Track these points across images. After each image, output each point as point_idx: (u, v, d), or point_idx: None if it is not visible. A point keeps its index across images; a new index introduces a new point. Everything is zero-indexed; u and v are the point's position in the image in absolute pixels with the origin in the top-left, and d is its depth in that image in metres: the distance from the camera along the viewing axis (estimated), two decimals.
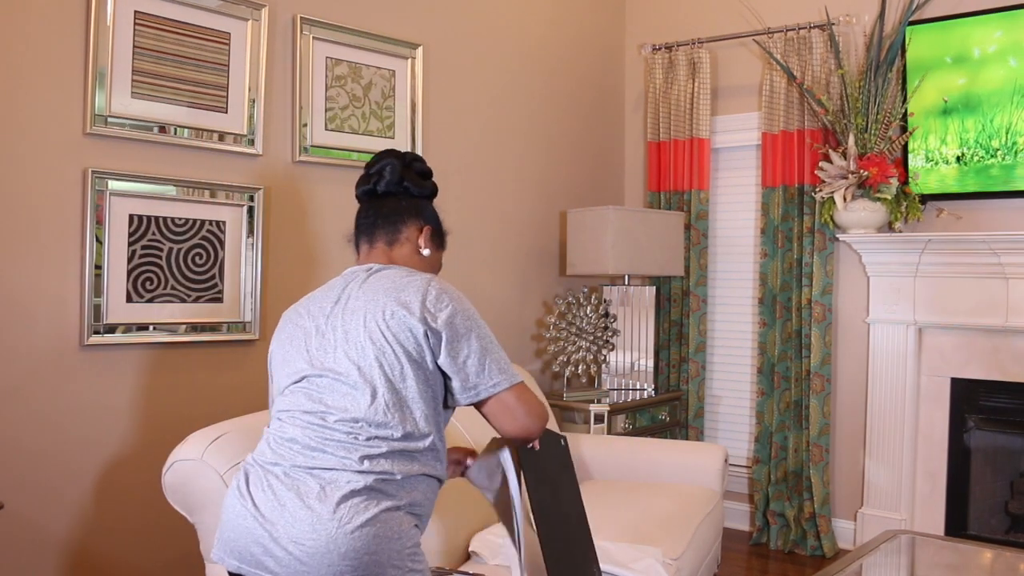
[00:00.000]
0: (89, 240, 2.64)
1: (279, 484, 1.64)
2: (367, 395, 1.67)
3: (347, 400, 1.68)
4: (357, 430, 1.66)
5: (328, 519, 1.58)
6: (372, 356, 1.68)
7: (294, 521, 1.59)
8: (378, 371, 1.68)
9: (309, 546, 1.57)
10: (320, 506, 1.59)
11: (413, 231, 1.91)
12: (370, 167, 1.94)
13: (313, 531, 1.57)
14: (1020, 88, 3.51)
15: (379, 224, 1.90)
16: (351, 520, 1.58)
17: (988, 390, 3.72)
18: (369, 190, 1.93)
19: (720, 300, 4.49)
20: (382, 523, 1.60)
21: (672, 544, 2.64)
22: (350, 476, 1.62)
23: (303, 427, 1.70)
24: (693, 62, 4.36)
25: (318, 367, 1.74)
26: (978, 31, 3.60)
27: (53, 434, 2.59)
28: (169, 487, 2.13)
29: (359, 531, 1.57)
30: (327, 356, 1.73)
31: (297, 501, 1.61)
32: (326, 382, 1.72)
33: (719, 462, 3.28)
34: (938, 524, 3.81)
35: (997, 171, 3.60)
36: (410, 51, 3.55)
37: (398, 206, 1.90)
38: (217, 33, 2.93)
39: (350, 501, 1.59)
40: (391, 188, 1.91)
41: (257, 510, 1.63)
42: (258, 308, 3.04)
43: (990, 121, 3.59)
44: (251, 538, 1.63)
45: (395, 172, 1.90)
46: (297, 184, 3.19)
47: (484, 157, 3.94)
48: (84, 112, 2.63)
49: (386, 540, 1.60)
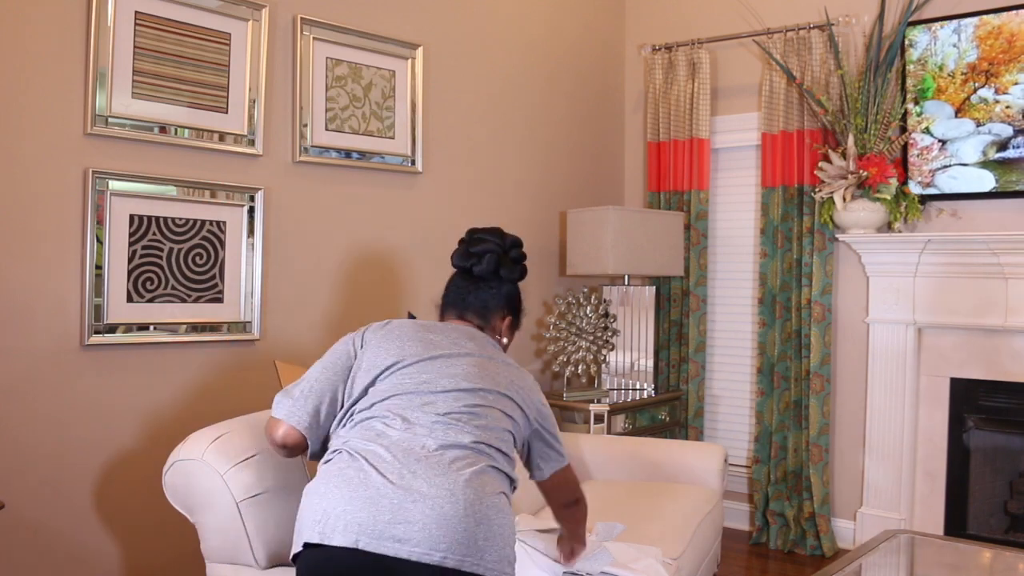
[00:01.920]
0: (89, 240, 2.64)
1: (405, 456, 1.69)
2: (487, 407, 1.84)
3: (470, 398, 1.84)
4: (475, 418, 1.80)
5: (465, 484, 1.65)
6: (506, 382, 1.91)
7: (429, 486, 1.63)
8: (505, 402, 1.88)
9: (448, 510, 1.61)
10: (455, 474, 1.67)
11: (497, 320, 2.12)
12: (473, 244, 2.11)
13: (451, 495, 1.62)
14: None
15: (471, 306, 2.09)
16: (485, 489, 1.68)
17: (987, 390, 3.72)
18: (466, 268, 2.11)
19: (720, 300, 4.49)
20: (504, 501, 1.72)
21: (672, 544, 2.64)
22: (473, 456, 1.73)
23: (422, 410, 1.79)
24: (693, 62, 4.36)
25: (442, 361, 1.89)
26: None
27: (53, 434, 2.60)
28: (169, 487, 2.13)
29: (492, 500, 1.67)
30: (459, 367, 1.89)
31: (428, 470, 1.66)
32: (449, 379, 1.86)
33: (719, 462, 3.28)
34: (937, 524, 3.81)
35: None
36: (410, 51, 3.55)
37: (490, 295, 2.10)
38: (217, 33, 2.94)
39: (481, 476, 1.69)
40: (487, 275, 2.09)
41: (385, 478, 1.65)
42: (258, 308, 3.04)
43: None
44: (377, 506, 1.61)
45: (493, 262, 2.08)
46: (297, 184, 3.19)
47: (484, 157, 3.94)
48: (84, 112, 2.64)
49: (507, 516, 1.71)
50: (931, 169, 3.77)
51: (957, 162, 3.71)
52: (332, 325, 3.30)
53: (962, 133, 3.70)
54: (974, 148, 3.67)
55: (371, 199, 3.44)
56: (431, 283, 3.64)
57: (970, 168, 3.68)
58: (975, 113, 3.65)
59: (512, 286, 2.14)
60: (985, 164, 3.65)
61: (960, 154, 3.70)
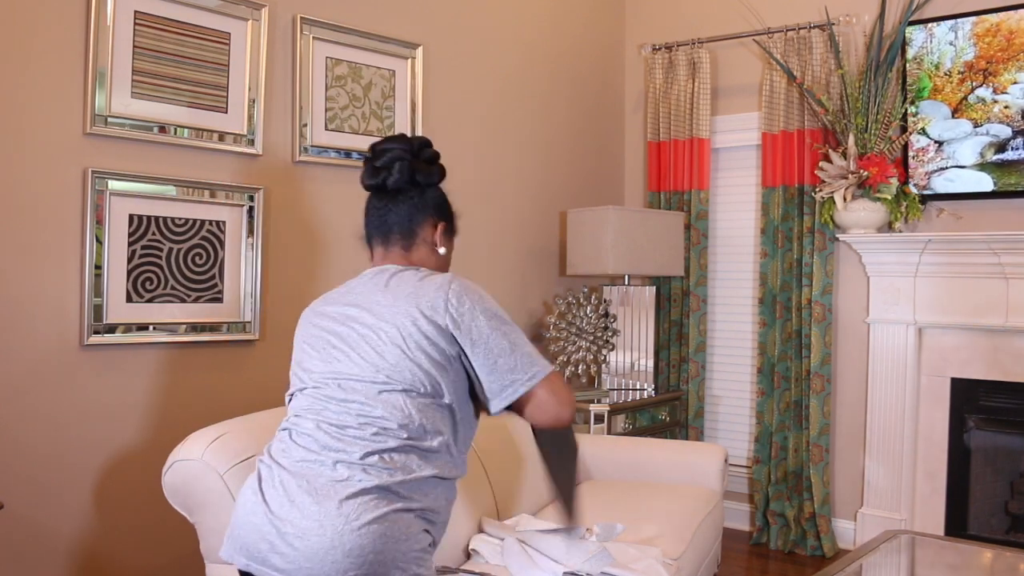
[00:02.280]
0: (89, 240, 2.64)
1: (290, 479, 1.65)
2: (382, 396, 1.68)
3: (361, 399, 1.69)
4: (367, 424, 1.67)
5: (335, 515, 1.57)
6: (392, 361, 1.69)
7: (301, 517, 1.59)
8: (397, 375, 1.68)
9: (314, 542, 1.57)
10: (328, 502, 1.59)
11: (428, 230, 1.90)
12: (377, 157, 1.88)
13: (320, 527, 1.57)
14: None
15: (393, 227, 1.88)
16: (358, 517, 1.57)
17: (988, 390, 3.72)
18: (378, 184, 1.88)
19: (720, 300, 4.49)
20: (390, 523, 1.59)
21: (672, 544, 2.64)
22: (360, 474, 1.62)
23: (316, 425, 1.71)
24: (693, 62, 4.36)
25: (335, 370, 1.74)
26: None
27: (53, 434, 2.59)
28: (169, 487, 2.12)
29: (365, 528, 1.56)
30: (345, 359, 1.74)
31: (306, 497, 1.61)
32: (344, 383, 1.72)
33: (719, 462, 3.27)
34: (938, 524, 3.81)
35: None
36: (410, 51, 3.55)
37: (411, 206, 1.88)
38: (217, 33, 2.93)
39: (359, 499, 1.59)
40: (402, 185, 1.86)
41: (267, 506, 1.64)
42: (258, 308, 3.04)
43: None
44: (259, 535, 1.63)
45: (405, 168, 1.85)
46: (297, 184, 3.19)
47: (484, 157, 3.94)
48: (84, 112, 2.63)
49: (392, 540, 1.59)
50: (927, 172, 3.77)
51: (954, 164, 3.71)
52: None
53: (959, 134, 3.69)
54: (971, 150, 3.67)
55: None
56: None
57: (967, 171, 3.68)
58: (972, 113, 3.65)
59: (434, 190, 1.91)
60: (983, 167, 3.64)
61: (957, 156, 3.70)
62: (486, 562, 2.43)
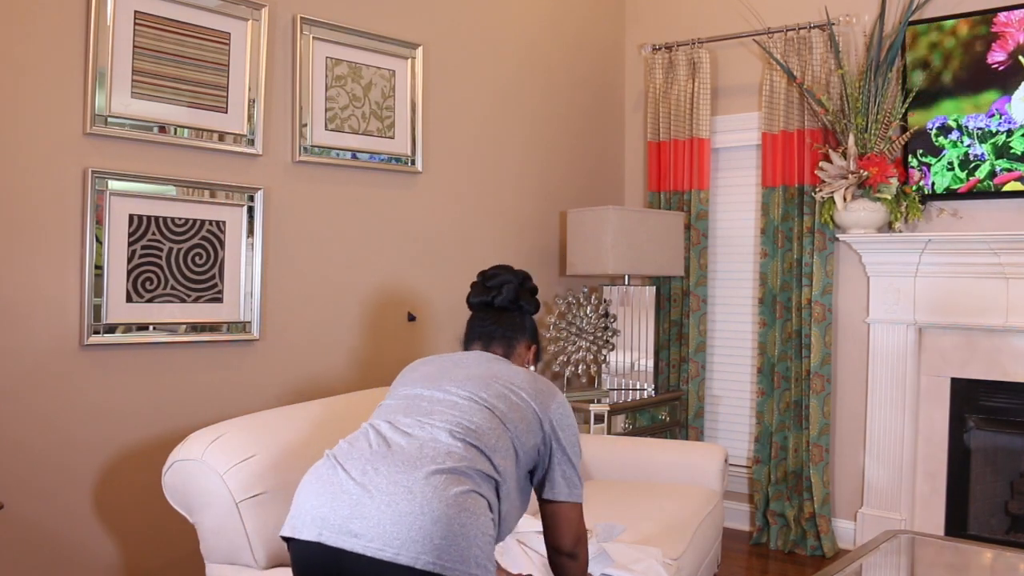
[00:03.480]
0: (89, 240, 2.64)
1: (371, 453, 1.71)
2: (477, 406, 1.83)
3: (455, 400, 1.84)
4: (454, 419, 1.79)
5: (423, 483, 1.63)
6: (497, 393, 1.87)
7: (388, 483, 1.63)
8: (501, 405, 1.85)
9: (403, 507, 1.60)
10: (415, 472, 1.65)
11: (523, 348, 2.14)
12: (487, 279, 2.16)
13: (409, 492, 1.61)
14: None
15: (497, 335, 2.11)
16: (446, 488, 1.63)
17: (988, 390, 3.72)
18: (486, 302, 2.14)
19: (720, 300, 4.49)
20: (472, 500, 1.66)
21: (672, 544, 2.64)
22: (444, 456, 1.69)
23: (406, 411, 1.83)
24: (693, 62, 4.36)
25: (440, 388, 1.89)
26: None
27: (53, 434, 2.59)
28: (169, 487, 2.12)
29: (453, 500, 1.62)
30: (455, 383, 1.89)
31: (391, 467, 1.66)
32: (445, 396, 1.86)
33: (719, 462, 3.27)
34: (938, 524, 3.81)
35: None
36: (410, 51, 3.54)
37: (514, 323, 2.13)
38: (217, 33, 2.93)
39: (445, 474, 1.65)
40: (507, 305, 2.13)
41: (347, 474, 1.68)
42: (258, 308, 3.04)
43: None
44: (339, 501, 1.65)
45: (512, 291, 2.13)
46: (297, 184, 3.19)
47: (484, 157, 3.94)
48: (84, 112, 2.63)
49: (473, 516, 1.64)
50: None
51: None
52: (331, 325, 3.30)
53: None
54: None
55: (371, 199, 3.43)
56: (430, 282, 3.64)
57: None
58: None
59: (531, 318, 2.18)
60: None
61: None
62: None
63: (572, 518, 1.93)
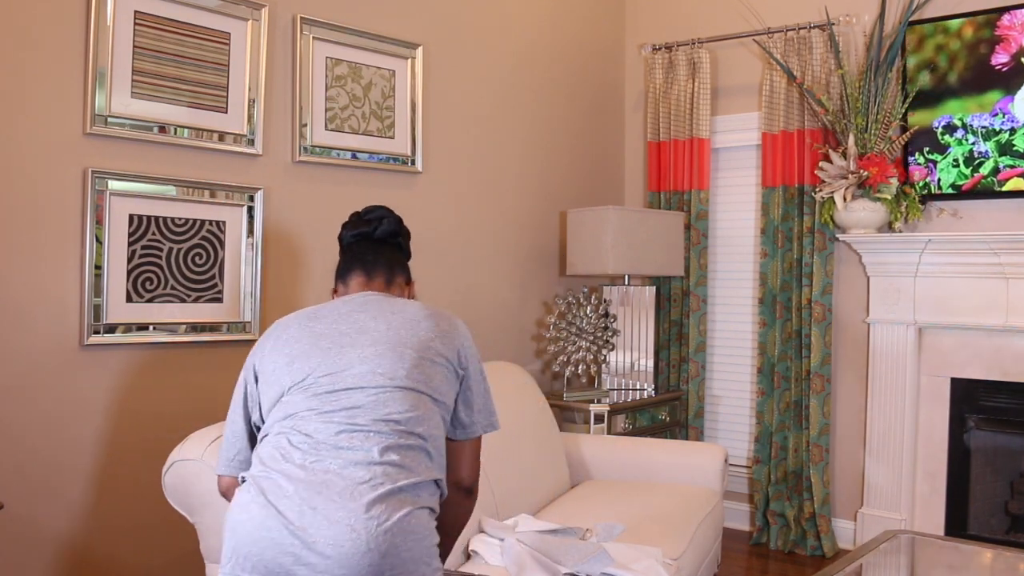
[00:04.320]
0: (89, 240, 2.64)
1: (303, 486, 1.60)
2: (399, 393, 1.73)
3: (376, 395, 1.72)
4: (381, 421, 1.69)
5: (364, 518, 1.57)
6: (411, 363, 1.76)
7: (328, 524, 1.56)
8: (421, 379, 1.76)
9: (348, 548, 1.54)
10: (353, 504, 1.58)
11: (402, 281, 2.04)
12: (364, 214, 2.05)
13: (351, 531, 1.55)
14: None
15: (380, 265, 1.99)
16: (388, 518, 1.58)
17: (988, 390, 3.72)
18: (366, 233, 2.02)
19: (720, 300, 4.49)
20: (415, 519, 1.63)
21: (672, 544, 2.64)
22: (381, 476, 1.62)
23: (324, 423, 1.69)
24: (693, 62, 4.36)
25: (346, 368, 1.75)
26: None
27: (53, 434, 2.59)
28: (169, 487, 2.12)
29: (396, 527, 1.58)
30: (362, 359, 1.76)
31: (328, 503, 1.58)
32: (358, 382, 1.74)
33: (719, 462, 3.27)
34: (938, 524, 3.81)
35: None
36: (410, 51, 3.55)
37: (393, 257, 2.02)
38: (217, 33, 2.93)
39: (385, 500, 1.60)
40: (387, 237, 2.03)
41: (283, 518, 1.58)
42: (258, 308, 3.04)
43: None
44: (279, 549, 1.57)
45: (393, 224, 2.02)
46: (297, 184, 3.19)
47: (484, 157, 3.94)
48: (84, 112, 2.63)
49: (418, 538, 1.62)
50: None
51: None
52: None
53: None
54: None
55: (371, 199, 3.42)
56: (430, 283, 3.64)
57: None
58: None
59: (407, 256, 2.09)
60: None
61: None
62: (486, 563, 2.43)
63: (478, 450, 1.92)
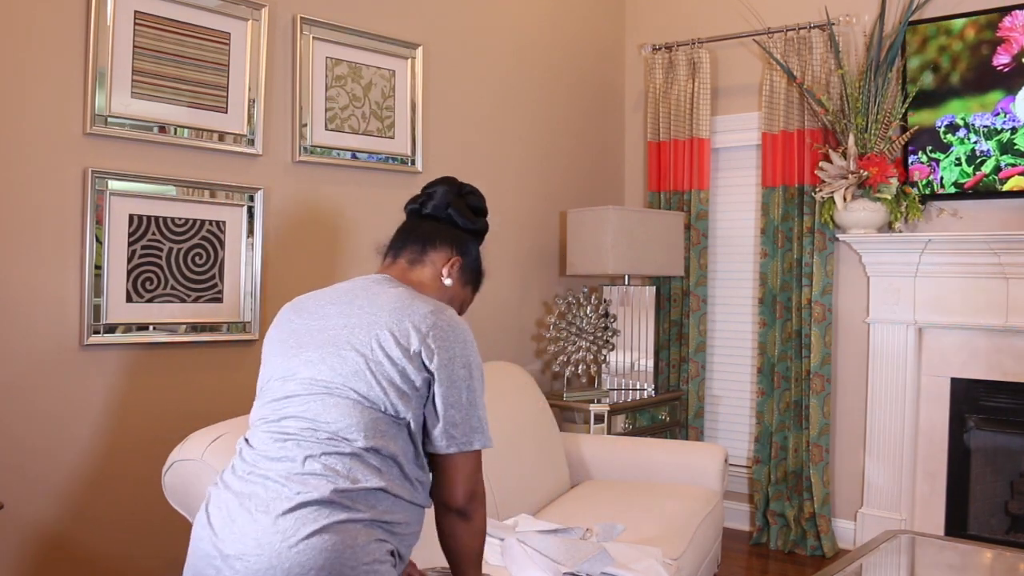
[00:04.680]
0: (89, 240, 2.64)
1: (232, 497, 1.57)
2: (332, 400, 1.60)
3: (308, 402, 1.61)
4: (311, 429, 1.58)
5: (271, 532, 1.48)
6: (352, 367, 1.61)
7: (239, 537, 1.50)
8: (354, 382, 1.60)
9: (252, 563, 1.47)
10: (263, 518, 1.50)
11: (441, 257, 1.82)
12: (426, 188, 1.90)
13: (257, 546, 1.48)
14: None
15: (409, 241, 1.84)
16: (295, 532, 1.47)
17: (988, 390, 3.72)
18: (415, 209, 1.88)
19: (720, 300, 4.49)
20: (333, 533, 1.49)
21: (672, 544, 2.64)
22: (298, 486, 1.52)
23: (266, 432, 1.64)
24: (693, 62, 4.36)
25: (289, 368, 1.67)
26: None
27: (53, 434, 2.59)
28: (169, 487, 2.12)
29: (304, 543, 1.47)
30: (303, 358, 1.66)
31: (244, 515, 1.52)
32: (292, 382, 1.65)
33: (719, 462, 3.27)
34: (938, 524, 3.81)
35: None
36: (410, 51, 3.54)
37: (435, 229, 1.83)
38: (217, 33, 2.93)
39: (296, 512, 1.49)
40: (436, 212, 1.85)
41: (211, 528, 1.55)
42: (258, 308, 3.04)
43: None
44: (206, 560, 1.54)
45: (444, 197, 1.84)
46: (297, 184, 3.19)
47: (484, 157, 3.94)
48: (84, 112, 2.63)
49: (336, 553, 1.48)
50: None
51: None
52: None
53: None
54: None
55: (371, 199, 3.43)
56: None
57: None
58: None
59: (465, 234, 1.86)
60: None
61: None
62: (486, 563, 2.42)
63: (466, 468, 1.65)
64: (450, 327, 1.65)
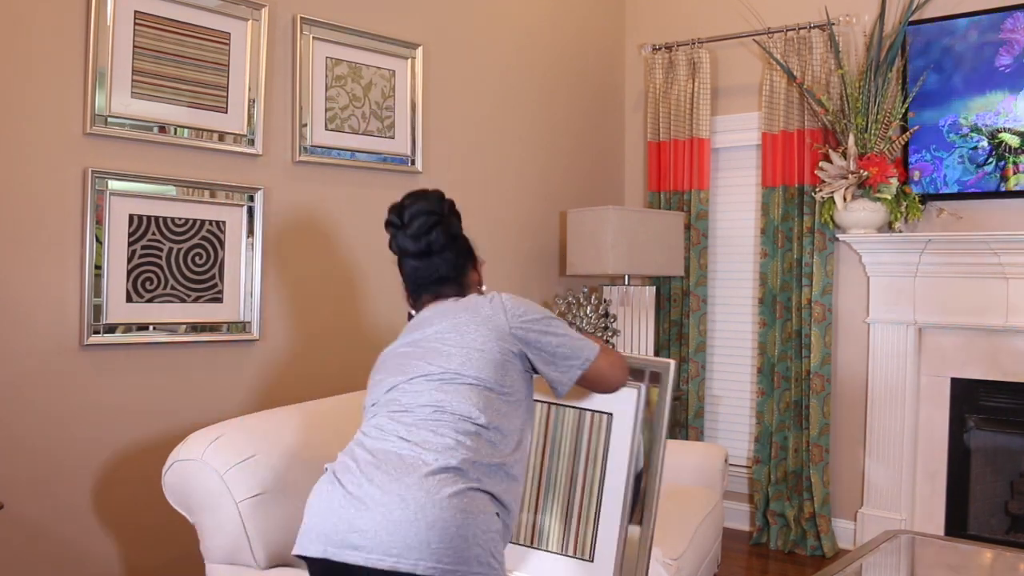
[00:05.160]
0: (89, 240, 2.64)
1: (366, 463, 1.70)
2: (452, 387, 1.78)
3: (432, 390, 1.79)
4: (438, 411, 1.76)
5: (416, 488, 1.63)
6: (460, 360, 1.81)
7: (382, 493, 1.64)
8: (466, 369, 1.80)
9: (397, 515, 1.60)
10: (407, 478, 1.65)
11: (472, 272, 2.03)
12: (409, 223, 1.94)
13: (402, 500, 1.62)
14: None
15: (444, 281, 1.97)
16: (439, 491, 1.63)
17: (988, 390, 3.72)
18: (422, 250, 1.95)
19: (720, 300, 4.49)
20: (468, 499, 1.65)
21: (672, 544, 2.64)
22: (435, 454, 1.68)
23: (389, 417, 1.78)
24: (693, 62, 4.36)
25: (410, 374, 1.84)
26: None
27: (53, 434, 2.59)
28: (169, 487, 2.12)
29: (447, 501, 1.62)
30: (418, 364, 1.84)
31: (384, 475, 1.66)
32: (418, 383, 1.82)
33: (719, 462, 3.27)
34: (938, 524, 3.81)
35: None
36: (410, 51, 3.55)
37: (456, 263, 1.98)
38: (217, 33, 2.93)
39: (438, 475, 1.65)
40: (447, 244, 1.97)
41: (344, 488, 1.68)
42: (258, 308, 3.04)
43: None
44: (337, 517, 1.66)
45: (442, 235, 1.94)
46: (297, 184, 3.19)
47: (484, 157, 3.94)
48: (84, 112, 2.64)
49: (471, 516, 1.64)
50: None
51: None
52: (331, 325, 3.29)
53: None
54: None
55: (371, 199, 3.43)
56: None
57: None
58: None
59: (463, 236, 2.03)
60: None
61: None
62: None
63: (601, 368, 1.94)
64: (499, 302, 1.90)
